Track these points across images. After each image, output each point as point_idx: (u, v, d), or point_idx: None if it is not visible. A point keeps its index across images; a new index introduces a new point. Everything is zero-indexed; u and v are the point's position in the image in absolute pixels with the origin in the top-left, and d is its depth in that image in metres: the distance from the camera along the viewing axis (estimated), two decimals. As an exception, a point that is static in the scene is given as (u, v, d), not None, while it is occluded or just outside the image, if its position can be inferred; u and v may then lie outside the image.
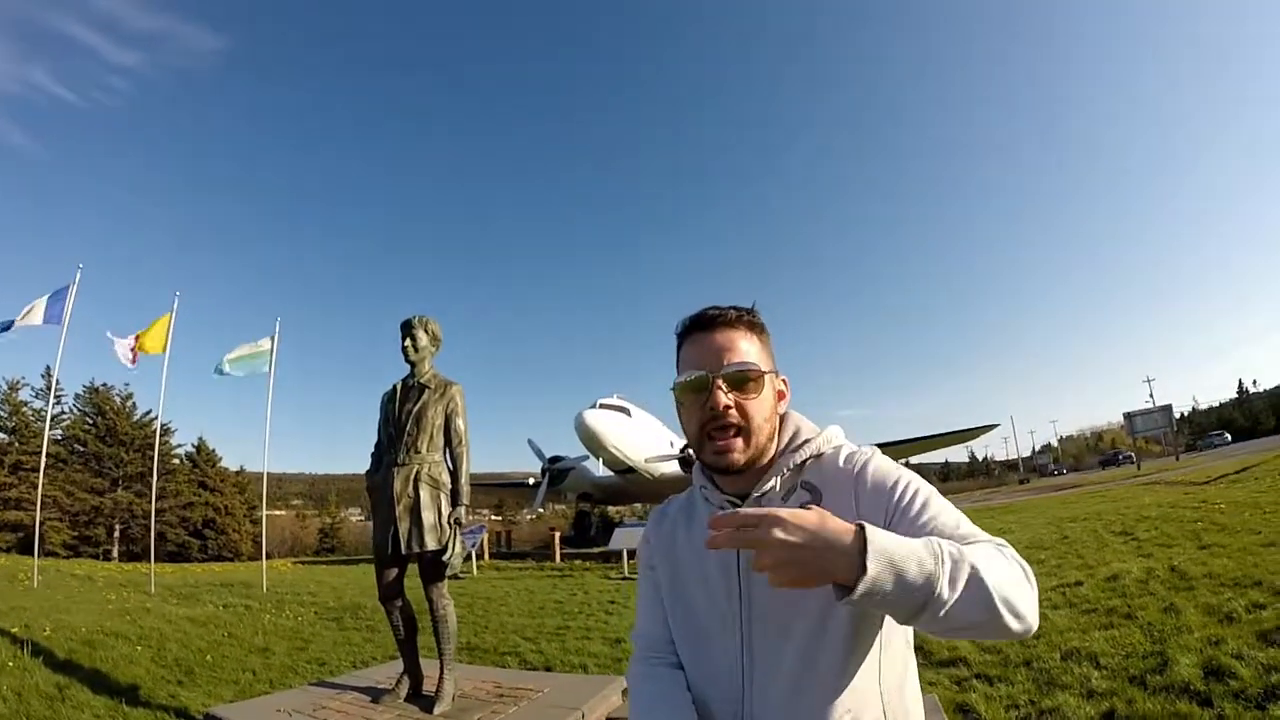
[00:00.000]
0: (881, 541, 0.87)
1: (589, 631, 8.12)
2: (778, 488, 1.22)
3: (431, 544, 4.22)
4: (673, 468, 26.40)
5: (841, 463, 1.22)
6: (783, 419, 1.30)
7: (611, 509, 40.68)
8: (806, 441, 1.26)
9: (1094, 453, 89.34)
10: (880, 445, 1.25)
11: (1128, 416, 54.80)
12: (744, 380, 1.20)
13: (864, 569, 0.84)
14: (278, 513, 55.20)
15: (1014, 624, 0.92)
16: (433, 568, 4.29)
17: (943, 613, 0.88)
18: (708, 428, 1.21)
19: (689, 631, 1.29)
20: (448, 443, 4.50)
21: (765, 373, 1.23)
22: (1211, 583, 6.32)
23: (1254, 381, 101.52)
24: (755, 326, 1.28)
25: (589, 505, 34.25)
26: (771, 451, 1.26)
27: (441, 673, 4.23)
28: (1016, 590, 0.94)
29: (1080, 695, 4.12)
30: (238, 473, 42.01)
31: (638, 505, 45.86)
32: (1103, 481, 33.97)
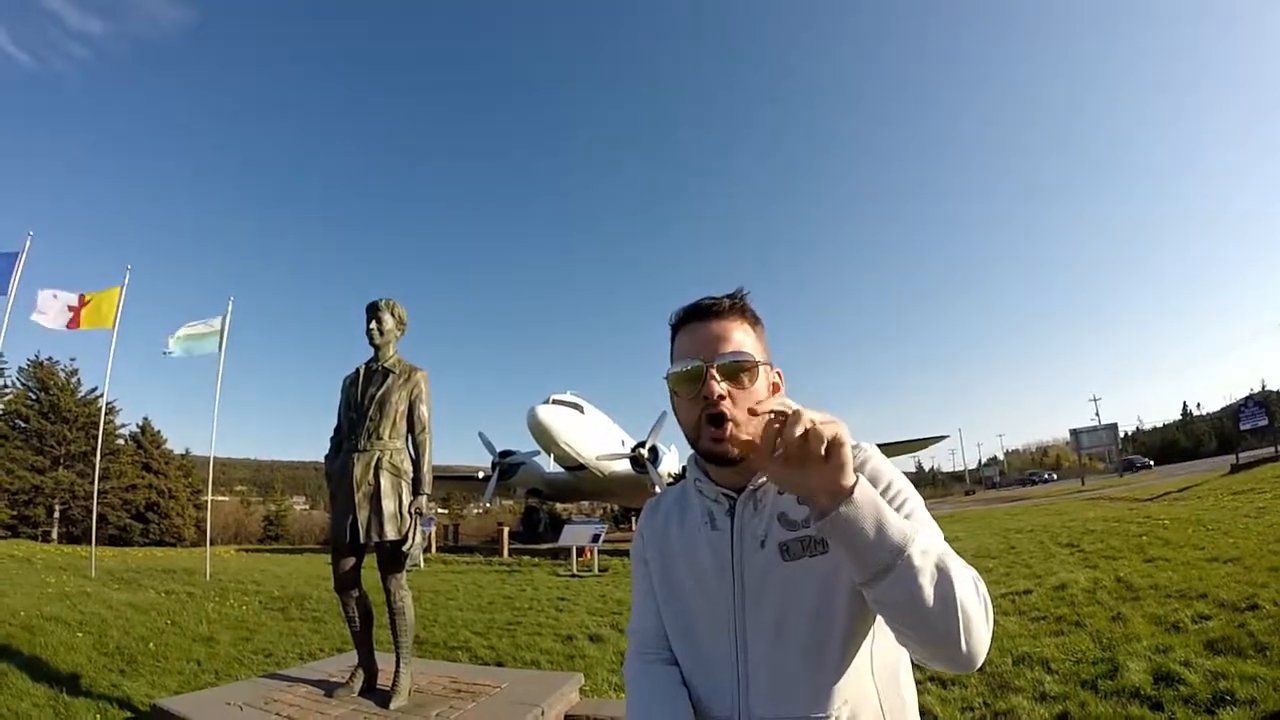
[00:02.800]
0: (873, 490, 0.94)
1: (540, 628, 8.09)
2: None
3: (391, 533, 4.11)
4: (623, 466, 26.51)
5: None
6: None
7: (560, 506, 40.50)
8: None
9: (1040, 467, 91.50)
10: None
11: (1074, 433, 56.38)
12: (738, 370, 1.17)
13: (851, 492, 0.91)
14: (222, 498, 53.73)
15: (962, 639, 0.93)
16: (392, 558, 4.19)
17: (906, 582, 0.91)
18: (703, 417, 1.18)
19: (683, 626, 1.27)
20: (410, 430, 4.38)
21: (760, 363, 1.20)
22: (1157, 594, 6.50)
23: (1198, 404, 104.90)
24: (749, 317, 1.26)
25: (538, 501, 34.11)
26: None
27: (398, 667, 4.12)
28: (976, 610, 0.95)
29: (1033, 698, 4.20)
30: (183, 456, 40.79)
31: (586, 503, 45.93)
32: (1048, 495, 34.87)
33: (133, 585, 11.69)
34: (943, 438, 36.57)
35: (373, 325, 4.42)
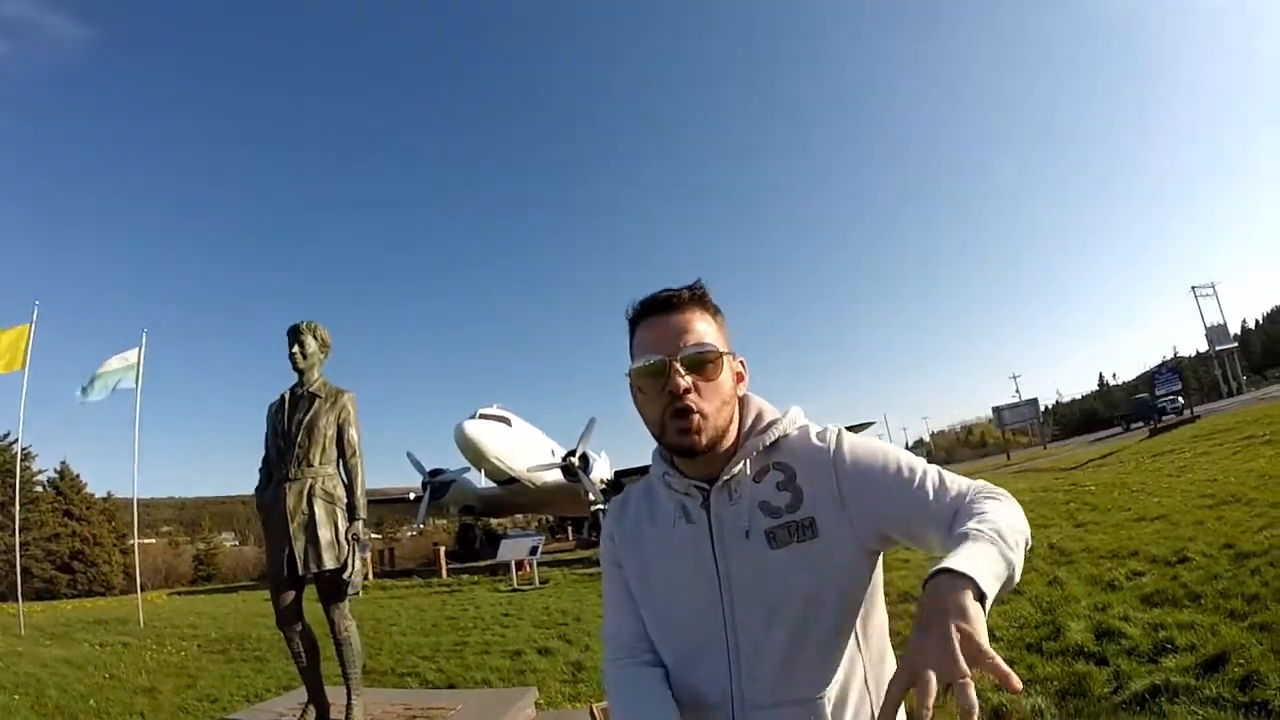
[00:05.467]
0: (978, 568, 0.87)
1: (487, 646, 8.04)
2: (747, 470, 1.19)
3: (330, 562, 3.98)
4: (555, 476, 26.51)
5: (814, 440, 1.21)
6: (743, 401, 1.27)
7: (495, 521, 40.16)
8: (772, 423, 1.24)
9: (965, 445, 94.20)
10: None
11: (996, 410, 58.14)
12: (703, 363, 1.16)
13: (983, 596, 0.84)
14: (149, 540, 51.51)
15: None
16: (332, 588, 4.05)
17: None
18: (669, 411, 1.16)
19: (667, 625, 1.25)
20: (341, 454, 4.25)
21: (723, 354, 1.19)
22: (1090, 556, 6.78)
23: (1114, 374, 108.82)
24: (710, 307, 1.25)
25: (472, 518, 33.73)
26: (733, 434, 1.23)
27: (349, 699, 4.00)
28: (1024, 526, 1.03)
29: (980, 665, 4.31)
30: (105, 499, 38.81)
31: (520, 516, 45.59)
32: (977, 471, 36.00)
33: (65, 640, 11.10)
34: (869, 424, 37.17)
35: (295, 349, 4.26)
